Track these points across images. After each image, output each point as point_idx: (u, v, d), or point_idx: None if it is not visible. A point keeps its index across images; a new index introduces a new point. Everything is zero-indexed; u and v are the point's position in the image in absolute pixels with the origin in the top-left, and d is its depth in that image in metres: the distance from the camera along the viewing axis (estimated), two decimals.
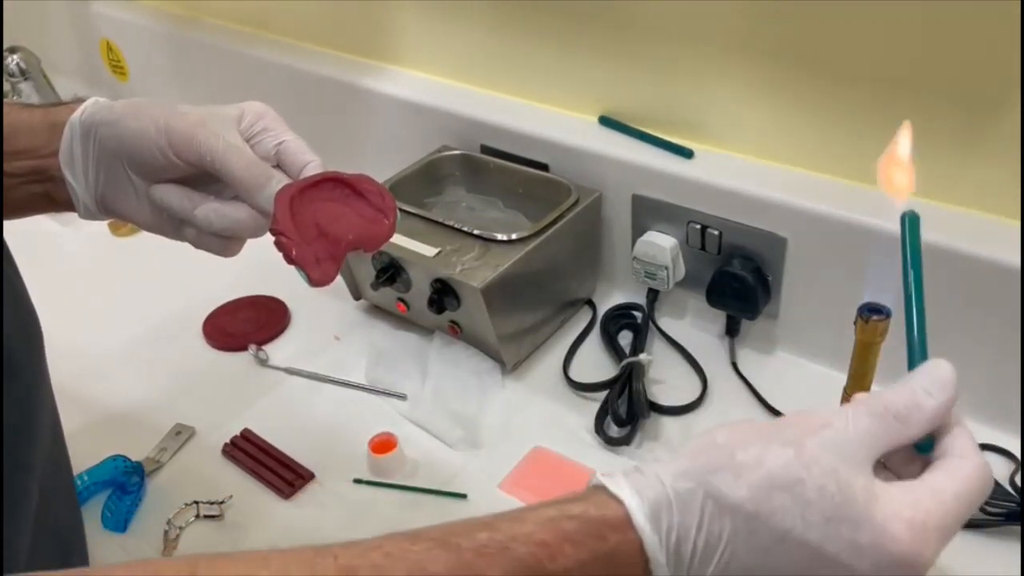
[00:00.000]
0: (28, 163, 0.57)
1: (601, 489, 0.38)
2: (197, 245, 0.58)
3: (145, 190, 0.56)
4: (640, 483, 0.38)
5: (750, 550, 0.37)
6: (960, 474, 0.38)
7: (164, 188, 0.55)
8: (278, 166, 0.56)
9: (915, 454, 0.40)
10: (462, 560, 0.35)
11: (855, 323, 0.51)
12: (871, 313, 0.50)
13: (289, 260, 0.51)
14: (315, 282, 0.52)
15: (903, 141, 0.45)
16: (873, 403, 0.39)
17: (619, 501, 0.37)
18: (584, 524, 0.37)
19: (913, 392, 0.39)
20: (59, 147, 0.56)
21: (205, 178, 0.56)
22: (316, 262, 0.51)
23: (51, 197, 0.58)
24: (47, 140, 0.56)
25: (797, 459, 0.37)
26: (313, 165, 0.55)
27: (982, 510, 0.68)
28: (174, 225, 0.57)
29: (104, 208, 0.58)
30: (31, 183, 0.57)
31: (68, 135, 0.56)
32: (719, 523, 0.37)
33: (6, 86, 1.21)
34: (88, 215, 0.59)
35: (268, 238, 0.53)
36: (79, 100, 0.57)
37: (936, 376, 0.39)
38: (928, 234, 0.69)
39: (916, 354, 0.41)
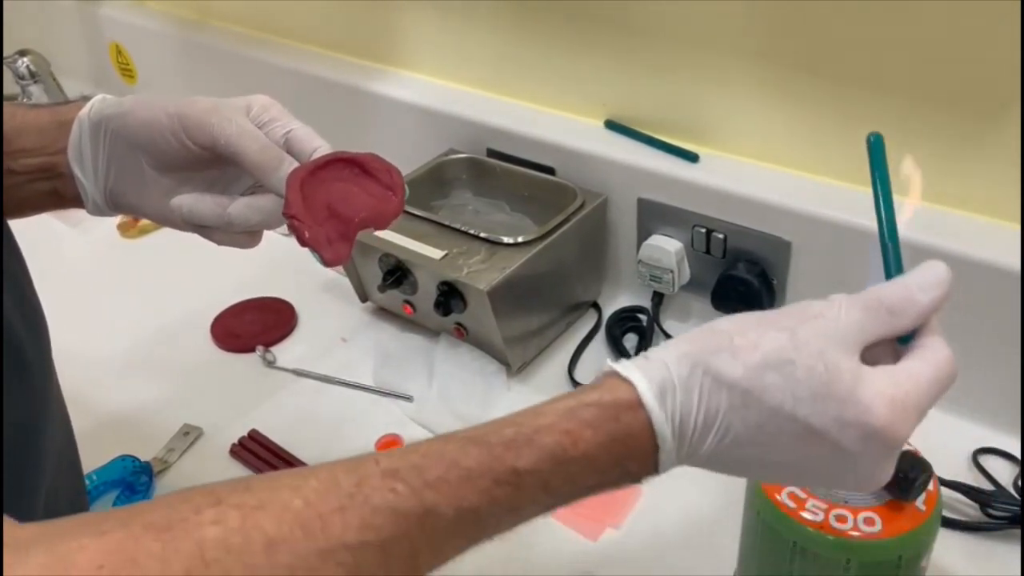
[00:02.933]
0: (36, 160, 0.57)
1: (613, 374, 0.41)
2: (222, 243, 0.58)
3: (156, 181, 0.57)
4: (647, 367, 0.41)
5: (744, 424, 0.40)
6: (934, 361, 0.41)
7: (188, 199, 0.56)
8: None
9: (895, 347, 0.43)
10: (493, 454, 0.38)
11: None
12: None
13: (302, 242, 0.52)
14: (329, 262, 0.53)
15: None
16: (867, 297, 0.42)
17: (629, 384, 0.40)
18: (600, 409, 0.40)
19: (908, 288, 0.42)
20: (67, 144, 0.57)
21: (209, 167, 0.57)
22: (328, 243, 0.52)
23: (59, 194, 0.59)
24: (55, 137, 0.57)
25: (790, 342, 0.40)
26: (322, 150, 0.55)
27: (984, 512, 0.68)
28: (196, 227, 0.58)
29: (113, 203, 0.59)
30: (39, 180, 0.58)
31: (77, 131, 0.56)
32: (716, 399, 0.40)
33: (16, 88, 1.22)
34: (97, 211, 0.59)
35: (274, 238, 0.53)
36: (86, 98, 0.58)
37: (932, 274, 0.42)
38: (931, 238, 0.71)
39: (891, 264, 0.44)
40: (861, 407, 0.39)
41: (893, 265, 0.44)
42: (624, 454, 0.40)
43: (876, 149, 0.45)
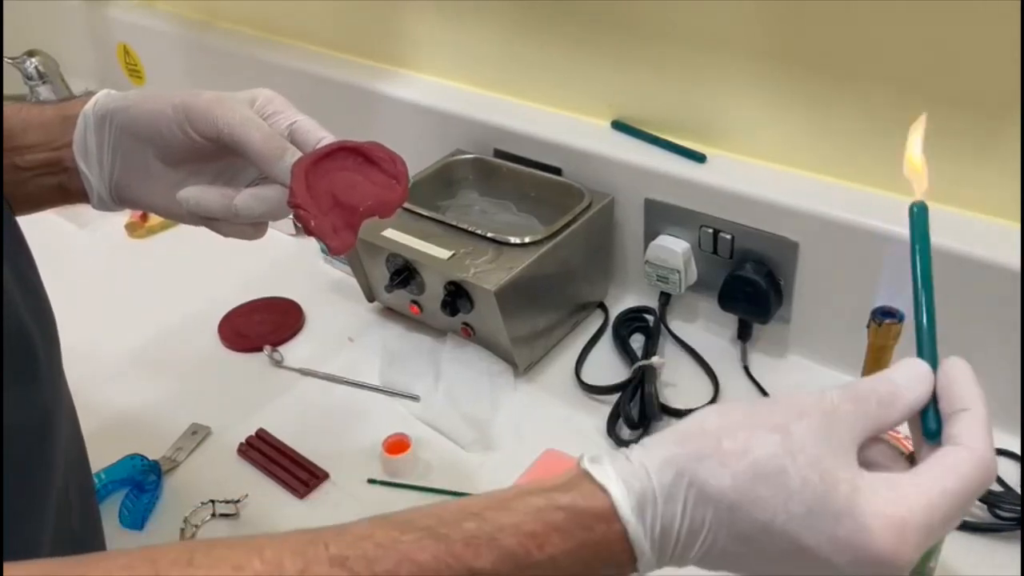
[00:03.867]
0: (41, 156, 0.58)
1: (587, 477, 0.38)
2: (228, 234, 0.58)
3: (161, 174, 0.57)
4: (626, 472, 0.38)
5: (731, 537, 0.37)
6: (956, 469, 0.37)
7: (193, 191, 0.56)
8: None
9: (899, 455, 0.41)
10: (451, 551, 0.36)
11: (868, 327, 0.51)
12: (884, 316, 0.50)
13: (308, 231, 0.52)
14: (334, 251, 0.53)
15: (917, 137, 0.45)
16: (857, 388, 0.39)
17: (606, 491, 0.37)
18: (571, 515, 0.37)
19: (893, 382, 0.39)
20: (72, 138, 0.57)
21: (214, 159, 0.57)
22: (334, 232, 0.52)
23: (64, 189, 0.59)
24: (60, 133, 0.57)
25: (782, 446, 0.37)
26: (325, 141, 0.56)
27: (992, 513, 0.68)
28: (201, 219, 0.58)
29: (119, 197, 0.59)
30: (44, 176, 0.58)
31: (82, 126, 0.57)
32: (702, 511, 0.37)
33: (24, 89, 1.22)
34: (102, 205, 0.60)
35: (281, 239, 0.53)
36: (90, 93, 0.58)
37: (914, 371, 0.40)
38: (936, 237, 0.70)
39: (925, 345, 0.42)
40: (856, 526, 0.35)
41: (927, 346, 0.41)
42: (595, 561, 0.37)
43: (919, 220, 0.42)
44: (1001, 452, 0.73)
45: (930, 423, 0.39)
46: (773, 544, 0.37)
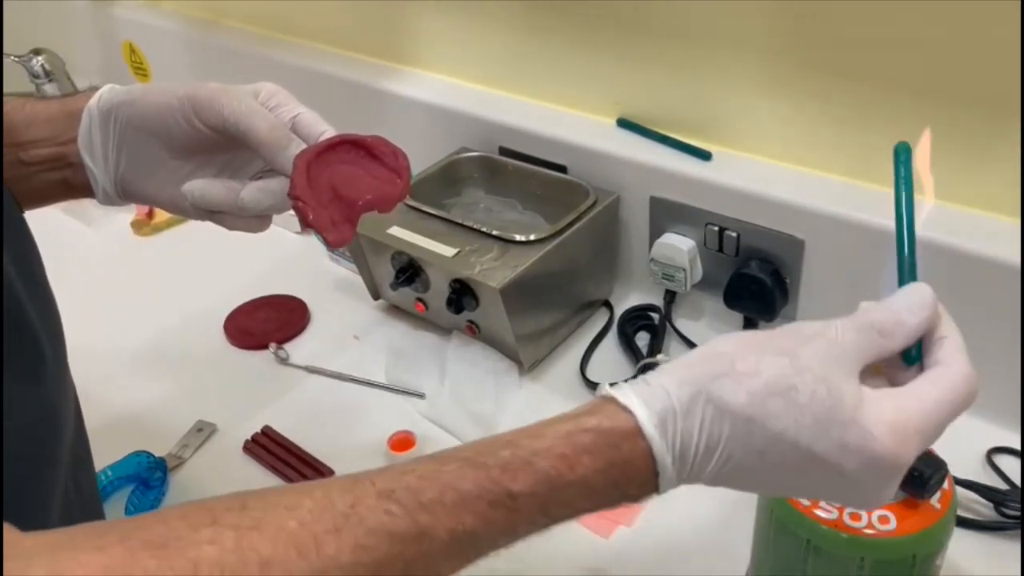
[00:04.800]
0: (46, 151, 0.58)
1: (611, 400, 0.41)
2: (233, 227, 0.58)
3: (166, 168, 0.57)
4: (647, 394, 0.40)
5: (747, 451, 0.40)
6: (943, 381, 0.41)
7: (199, 184, 0.56)
8: None
9: (905, 365, 0.43)
10: (490, 476, 0.38)
11: None
12: None
13: (306, 224, 0.52)
14: (332, 244, 0.53)
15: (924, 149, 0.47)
16: (859, 319, 0.42)
17: (629, 412, 0.40)
18: (598, 435, 0.39)
19: (895, 311, 0.42)
20: (77, 133, 0.57)
21: (220, 151, 0.57)
22: (332, 225, 0.52)
23: (69, 184, 0.59)
24: (65, 127, 0.58)
25: (792, 366, 0.40)
26: (327, 134, 0.56)
27: (998, 512, 0.68)
28: (207, 213, 0.58)
29: (124, 192, 0.59)
30: (49, 171, 0.58)
31: (87, 120, 0.57)
32: (719, 426, 0.39)
33: (30, 87, 1.23)
34: (107, 200, 0.60)
35: (286, 236, 0.53)
36: (94, 88, 0.59)
37: (916, 298, 0.42)
38: (940, 235, 0.70)
39: (905, 275, 0.44)
40: (863, 432, 0.39)
41: (907, 276, 0.44)
42: (623, 479, 0.40)
43: (902, 158, 0.44)
44: (1003, 450, 0.73)
45: (911, 349, 0.42)
46: (786, 454, 0.39)
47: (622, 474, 0.40)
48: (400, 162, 0.55)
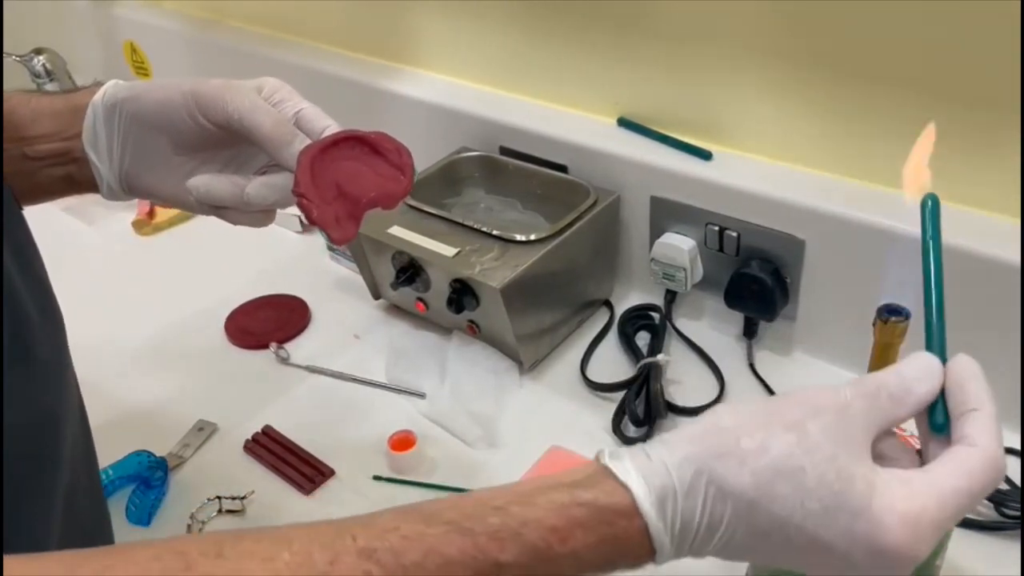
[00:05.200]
0: (50, 146, 0.58)
1: (608, 473, 0.39)
2: (237, 222, 0.58)
3: (171, 163, 0.57)
4: (647, 469, 0.39)
5: (750, 531, 0.38)
6: (965, 467, 0.38)
7: (203, 179, 0.56)
8: None
9: (908, 450, 0.42)
10: (477, 544, 0.37)
11: (874, 324, 0.51)
12: (890, 314, 0.50)
13: (310, 221, 0.52)
14: (336, 241, 0.53)
15: (926, 144, 0.45)
16: (868, 384, 0.40)
17: (627, 488, 0.38)
18: (593, 511, 0.38)
19: (903, 378, 0.40)
20: (82, 129, 0.57)
21: (223, 146, 0.57)
22: (336, 222, 0.52)
23: (73, 179, 0.59)
24: (70, 123, 0.58)
25: (799, 446, 0.38)
26: (331, 129, 0.56)
27: (999, 512, 0.68)
28: (211, 208, 0.58)
29: (128, 187, 0.59)
30: (54, 166, 0.59)
31: (91, 116, 0.57)
32: (721, 507, 0.38)
33: (32, 86, 1.23)
34: (112, 195, 0.60)
35: (287, 236, 0.53)
36: (98, 84, 0.59)
37: (923, 364, 0.41)
38: (951, 238, 0.70)
39: (934, 340, 0.42)
40: (874, 523, 0.36)
41: (937, 342, 0.42)
42: (616, 555, 0.39)
43: (933, 213, 0.42)
44: (1010, 451, 0.73)
45: (938, 417, 0.40)
46: (791, 539, 0.38)
47: (616, 550, 0.38)
48: (404, 159, 0.55)
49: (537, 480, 0.40)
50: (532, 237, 0.82)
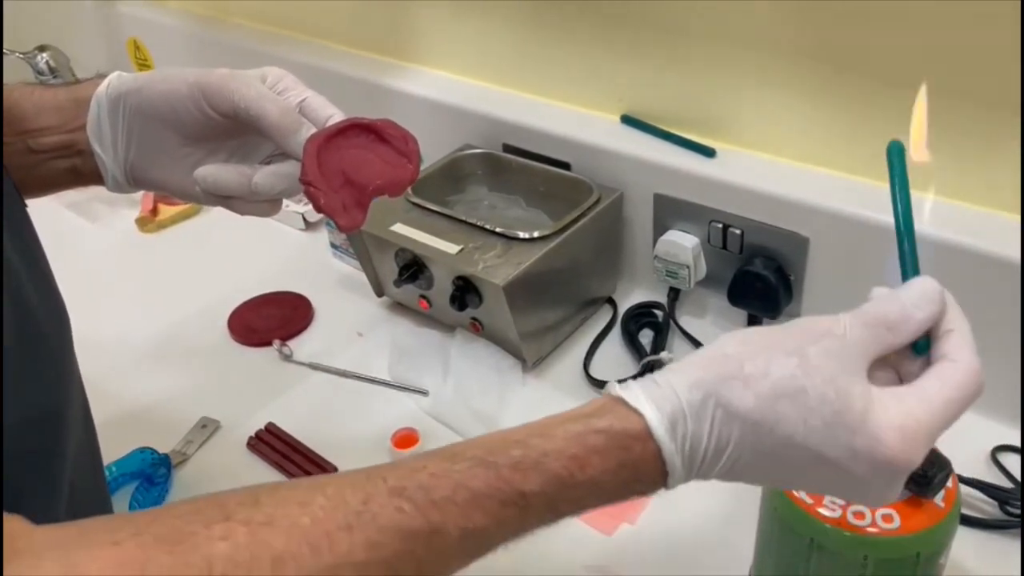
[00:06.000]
0: (55, 139, 0.58)
1: (621, 401, 0.40)
2: (244, 212, 0.58)
3: (176, 154, 0.58)
4: (657, 395, 0.40)
5: (755, 452, 0.40)
6: (951, 380, 0.40)
7: (210, 169, 0.56)
8: None
9: (914, 355, 0.43)
10: (501, 476, 0.39)
11: None
12: None
13: (318, 209, 0.52)
14: (343, 229, 0.53)
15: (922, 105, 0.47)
16: (867, 314, 0.42)
17: (639, 414, 0.40)
18: (609, 438, 0.40)
19: (903, 306, 0.42)
20: (86, 121, 0.57)
21: (229, 136, 0.58)
22: (344, 210, 0.52)
23: (78, 172, 0.60)
24: (74, 115, 0.58)
25: (800, 368, 0.39)
26: (335, 117, 0.56)
27: (1003, 510, 0.68)
28: (218, 198, 0.58)
29: (134, 179, 0.59)
30: (59, 158, 0.59)
31: (95, 108, 0.57)
32: (728, 428, 0.40)
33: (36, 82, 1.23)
34: (117, 188, 0.60)
35: (289, 235, 0.53)
36: (101, 76, 0.59)
37: (923, 291, 0.42)
38: (941, 232, 0.70)
39: (909, 269, 0.44)
40: (872, 437, 0.39)
41: (911, 270, 0.44)
42: (632, 479, 0.40)
43: (898, 155, 0.45)
44: (1006, 448, 0.73)
45: (919, 340, 0.42)
46: (795, 456, 0.40)
47: (632, 474, 0.40)
48: (410, 146, 0.55)
49: (553, 416, 0.41)
50: (535, 234, 0.82)
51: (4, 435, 0.44)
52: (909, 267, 0.44)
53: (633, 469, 0.40)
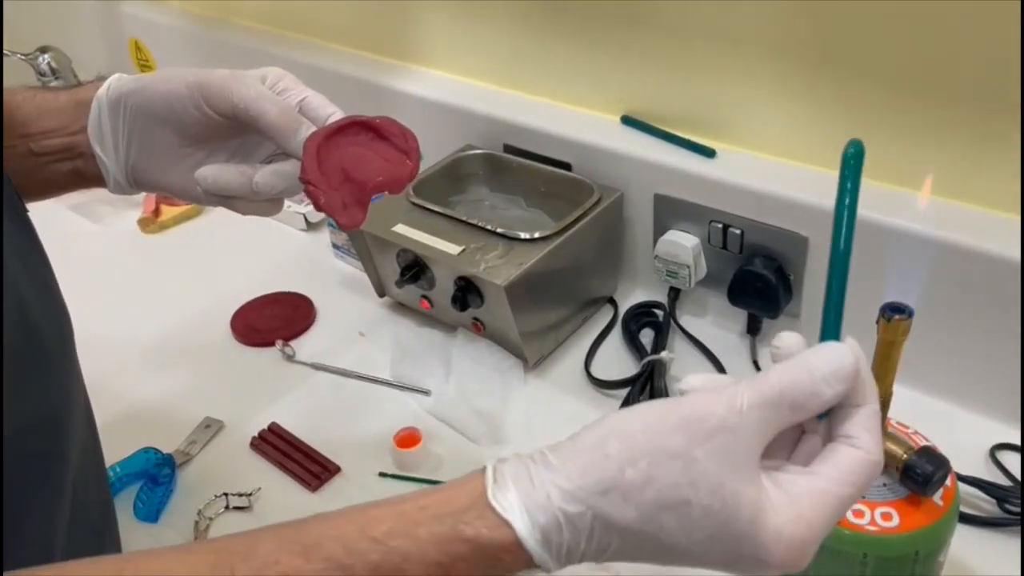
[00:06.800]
0: (56, 141, 0.58)
1: (492, 508, 0.38)
2: (246, 212, 0.59)
3: (177, 155, 0.58)
4: (531, 502, 0.37)
5: (635, 555, 0.38)
6: (850, 472, 0.38)
7: (211, 169, 0.57)
8: None
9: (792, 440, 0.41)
10: None
11: (877, 322, 0.51)
12: (893, 312, 0.50)
13: (317, 207, 0.52)
14: (343, 227, 0.53)
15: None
16: (770, 391, 0.38)
17: (510, 526, 0.37)
18: (476, 547, 0.37)
19: (813, 381, 0.38)
20: (87, 123, 0.58)
21: (229, 137, 0.58)
22: (344, 208, 0.53)
23: (80, 174, 0.60)
24: (75, 118, 0.58)
25: (685, 475, 0.37)
26: (335, 116, 0.56)
27: (1001, 508, 0.68)
28: (219, 199, 0.58)
29: (135, 180, 0.60)
30: (60, 161, 0.59)
31: (96, 110, 0.58)
32: (607, 538, 0.38)
33: (37, 84, 1.23)
34: (118, 189, 0.60)
35: (291, 236, 0.54)
36: (102, 78, 0.59)
37: (838, 366, 0.38)
38: (940, 231, 0.70)
39: (831, 325, 0.40)
40: (757, 547, 0.37)
41: (832, 327, 0.41)
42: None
43: (851, 162, 0.39)
44: (1005, 446, 0.73)
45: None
46: (678, 558, 0.38)
47: (501, 573, 0.38)
48: (409, 143, 0.55)
49: (419, 500, 0.39)
50: (536, 235, 0.82)
51: (4, 441, 0.44)
52: (832, 321, 0.40)
53: (501, 570, 0.38)
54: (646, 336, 0.89)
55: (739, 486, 0.37)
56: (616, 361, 0.87)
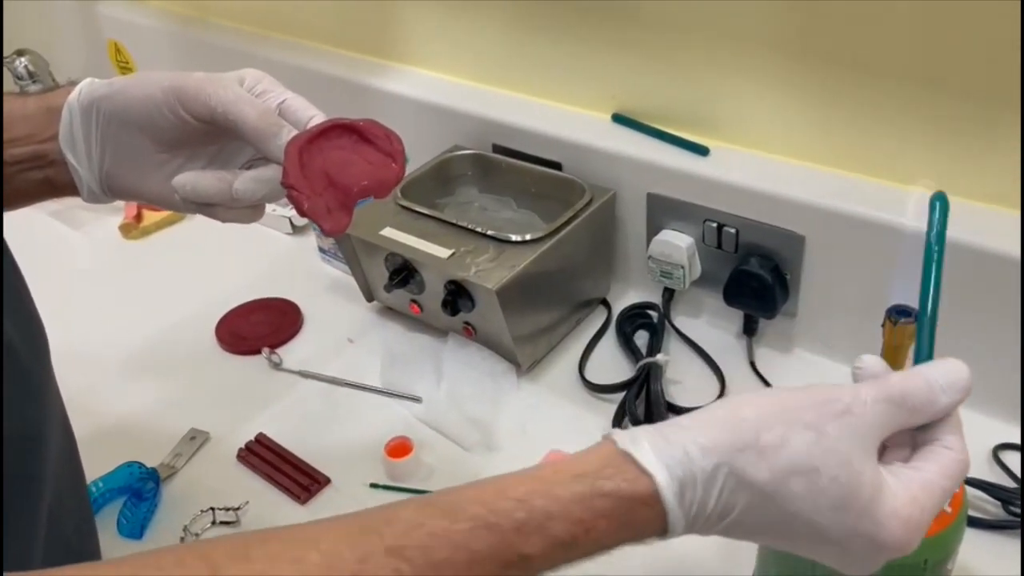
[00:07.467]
0: (26, 149, 0.56)
1: (629, 459, 0.39)
2: (225, 219, 0.57)
3: (153, 162, 0.56)
4: (668, 456, 0.39)
5: (759, 520, 0.40)
6: (949, 470, 0.41)
7: (189, 177, 0.55)
8: None
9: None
10: (503, 539, 0.38)
11: (883, 326, 0.50)
12: (900, 315, 0.49)
13: (301, 213, 0.51)
14: (328, 232, 0.52)
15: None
16: (893, 391, 0.41)
17: (649, 476, 0.39)
18: (616, 501, 0.39)
19: (931, 389, 0.41)
20: (58, 130, 0.55)
21: (207, 142, 0.56)
22: (328, 213, 0.51)
23: (52, 183, 0.58)
24: (45, 125, 0.56)
25: (818, 446, 0.39)
26: (317, 119, 0.55)
27: (1006, 510, 0.67)
28: (198, 206, 0.56)
29: (110, 188, 0.58)
30: (30, 170, 0.57)
31: (67, 117, 0.55)
32: (736, 497, 0.39)
33: (15, 89, 1.21)
34: (93, 198, 0.58)
35: (277, 240, 0.52)
36: (73, 83, 0.57)
37: (956, 378, 0.42)
38: (956, 233, 0.69)
39: (924, 348, 0.44)
40: (876, 523, 0.39)
41: (926, 348, 0.44)
42: (632, 537, 0.40)
43: (939, 210, 0.44)
44: (1006, 446, 0.72)
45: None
46: (796, 529, 0.40)
47: (632, 534, 0.40)
48: (394, 145, 0.54)
49: (556, 464, 0.40)
50: (527, 237, 0.81)
51: None
52: (926, 346, 0.44)
53: (635, 529, 0.39)
54: (641, 338, 0.88)
55: (862, 466, 0.39)
56: (611, 364, 0.85)
